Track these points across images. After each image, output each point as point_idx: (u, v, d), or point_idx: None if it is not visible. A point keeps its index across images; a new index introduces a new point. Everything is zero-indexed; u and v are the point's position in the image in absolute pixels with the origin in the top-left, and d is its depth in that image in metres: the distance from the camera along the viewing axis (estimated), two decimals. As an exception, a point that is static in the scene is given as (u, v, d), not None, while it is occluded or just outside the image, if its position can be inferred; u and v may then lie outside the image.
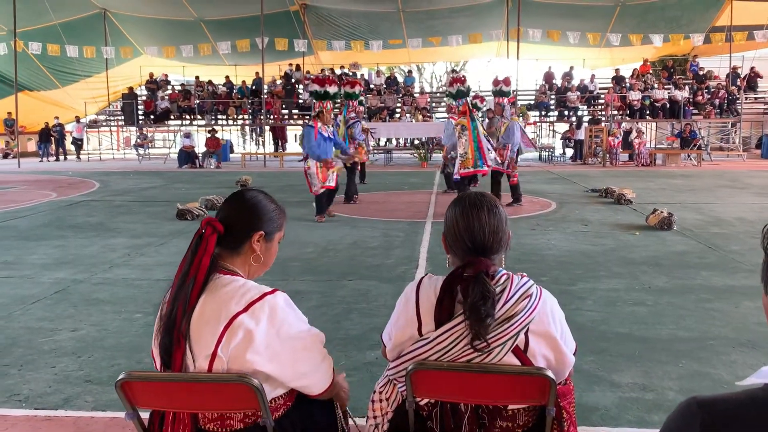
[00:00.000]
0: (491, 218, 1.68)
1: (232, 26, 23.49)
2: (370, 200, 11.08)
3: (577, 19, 23.09)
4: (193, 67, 26.48)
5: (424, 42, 22.35)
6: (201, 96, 24.52)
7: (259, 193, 1.81)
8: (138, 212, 9.66)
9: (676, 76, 24.47)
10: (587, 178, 14.56)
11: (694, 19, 23.33)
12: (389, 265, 5.95)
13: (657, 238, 7.17)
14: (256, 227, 1.75)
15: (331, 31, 24.19)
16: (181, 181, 14.88)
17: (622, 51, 25.60)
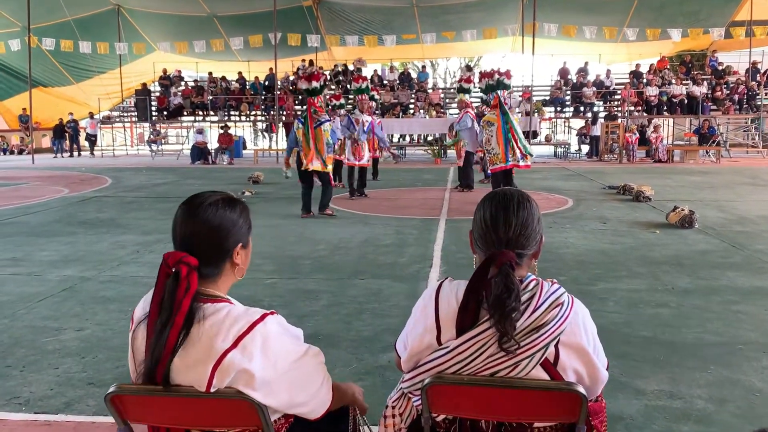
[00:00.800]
0: (520, 211, 1.55)
1: (244, 22, 23.41)
2: (383, 197, 10.93)
3: (593, 13, 22.76)
4: (206, 63, 26.45)
5: (438, 37, 22.15)
6: (214, 92, 24.48)
7: (216, 203, 1.54)
8: (149, 208, 9.59)
9: (694, 72, 24.07)
10: (604, 175, 14.32)
11: (713, 13, 22.91)
12: (402, 264, 5.81)
13: (678, 236, 6.96)
14: (233, 243, 1.55)
15: (345, 27, 24.05)
16: (194, 177, 14.82)
17: (639, 46, 25.23)
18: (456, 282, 1.59)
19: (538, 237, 1.57)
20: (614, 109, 22.35)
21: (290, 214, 8.83)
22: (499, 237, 1.53)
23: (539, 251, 1.60)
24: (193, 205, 1.54)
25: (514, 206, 1.55)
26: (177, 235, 1.53)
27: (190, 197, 1.58)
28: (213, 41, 21.83)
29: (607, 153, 19.76)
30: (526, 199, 1.58)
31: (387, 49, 24.32)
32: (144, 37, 24.50)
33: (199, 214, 1.52)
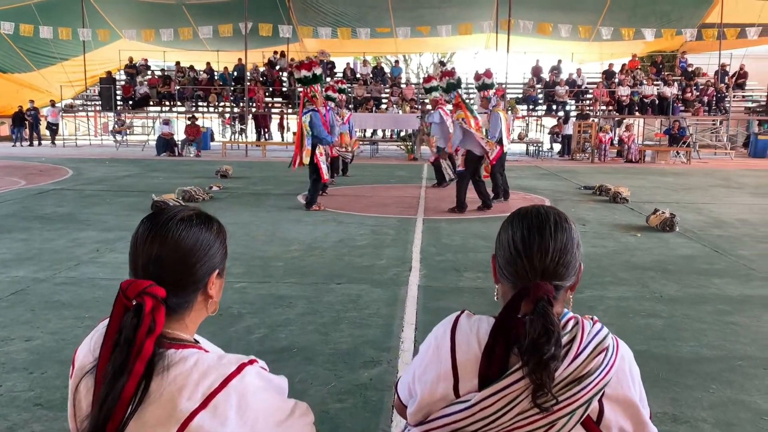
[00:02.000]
0: (558, 234, 1.29)
1: (214, 10, 22.82)
2: (357, 194, 10.64)
3: (568, 11, 22.74)
4: (174, 52, 25.76)
5: (412, 31, 21.89)
6: (181, 82, 23.83)
7: (188, 220, 1.25)
8: (111, 203, 9.13)
9: (664, 72, 24.28)
10: (577, 175, 14.25)
11: (684, 14, 23.11)
12: (380, 267, 5.53)
13: (660, 240, 6.83)
14: (207, 270, 1.26)
15: (317, 18, 23.62)
16: (159, 170, 14.31)
17: (610, 46, 25.36)
18: (476, 318, 1.33)
19: (578, 265, 1.31)
20: (586, 109, 22.38)
21: (261, 211, 8.48)
22: (534, 265, 1.26)
23: (578, 281, 1.33)
24: (160, 221, 1.23)
25: (551, 228, 1.29)
26: (138, 259, 1.22)
27: (155, 211, 1.27)
28: (181, 29, 21.20)
29: (580, 152, 19.76)
30: (564, 220, 1.32)
31: (360, 42, 23.99)
32: (109, 23, 23.71)
33: (168, 233, 1.22)
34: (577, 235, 1.32)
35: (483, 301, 4.53)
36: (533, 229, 1.28)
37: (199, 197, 9.17)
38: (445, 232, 7.22)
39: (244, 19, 19.31)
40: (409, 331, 3.94)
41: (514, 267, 1.28)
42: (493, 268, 1.37)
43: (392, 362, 3.46)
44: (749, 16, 20.76)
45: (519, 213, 1.35)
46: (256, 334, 3.88)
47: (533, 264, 1.26)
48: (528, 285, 1.23)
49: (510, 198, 10.09)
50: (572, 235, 1.30)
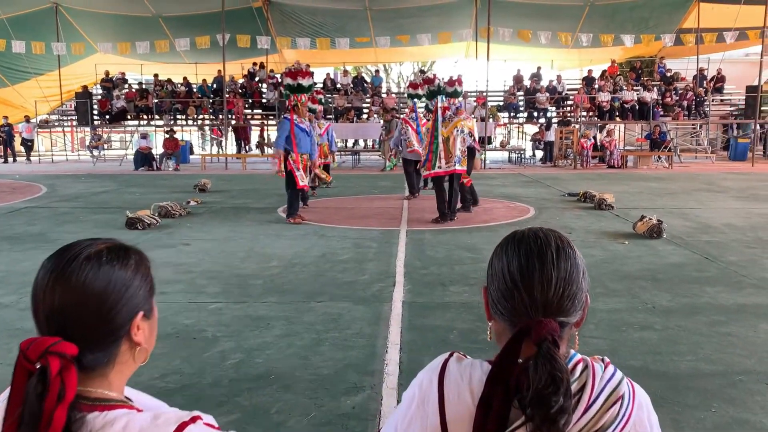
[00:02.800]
0: (560, 262, 1.09)
1: (191, 22, 22.54)
2: (339, 206, 10.44)
3: (547, 19, 22.79)
4: (152, 65, 25.40)
5: (392, 41, 21.77)
6: (159, 95, 23.50)
7: (97, 257, 1.01)
8: (85, 220, 8.84)
9: (643, 78, 24.40)
10: (561, 181, 14.17)
11: (661, 20, 23.27)
12: (363, 283, 5.33)
13: (648, 247, 6.70)
14: (128, 313, 1.02)
15: (296, 29, 23.44)
16: (136, 185, 14.00)
17: (590, 52, 25.47)
18: (468, 362, 1.13)
19: (584, 297, 1.12)
20: (567, 115, 22.40)
21: (240, 226, 8.24)
22: (534, 299, 1.07)
23: (585, 316, 1.14)
24: (61, 262, 1.00)
25: (552, 254, 1.09)
26: (40, 311, 0.99)
27: (59, 250, 1.04)
28: (157, 42, 20.90)
29: (562, 159, 19.73)
30: (567, 244, 1.13)
31: (340, 52, 23.84)
32: (84, 36, 23.32)
33: (71, 275, 0.98)
34: (583, 262, 1.13)
35: (470, 317, 4.34)
36: (532, 256, 1.09)
37: (176, 213, 8.91)
38: (429, 243, 7.04)
39: (221, 31, 19.07)
40: (394, 352, 3.74)
41: (511, 302, 1.09)
42: (485, 303, 1.18)
43: (376, 387, 3.25)
44: (725, 20, 20.93)
45: (514, 237, 1.16)
46: (232, 359, 3.66)
47: (534, 298, 1.07)
48: (529, 323, 1.04)
49: (491, 207, 9.95)
50: (577, 261, 1.12)
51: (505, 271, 1.10)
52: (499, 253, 1.14)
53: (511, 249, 1.12)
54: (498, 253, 1.15)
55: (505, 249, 1.14)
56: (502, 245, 1.15)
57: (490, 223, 8.43)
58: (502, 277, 1.10)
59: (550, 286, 1.06)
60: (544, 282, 1.07)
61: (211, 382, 3.36)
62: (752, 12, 19.49)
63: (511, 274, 1.09)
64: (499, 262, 1.13)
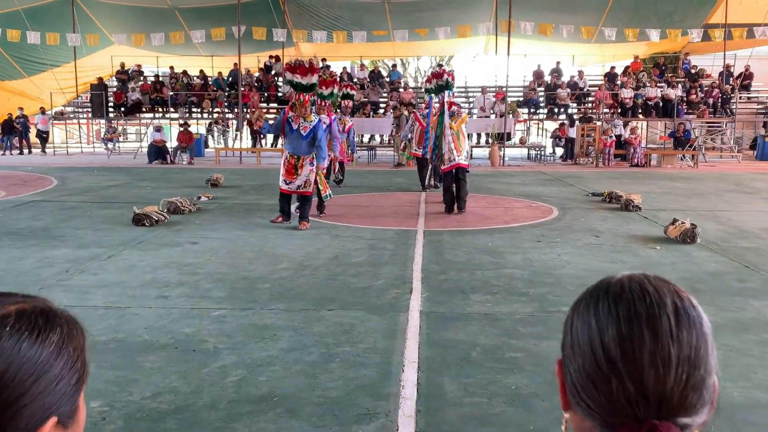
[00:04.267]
0: (682, 332, 0.70)
1: (208, 15, 22.28)
2: (353, 203, 10.09)
3: (569, 12, 22.24)
4: (168, 57, 25.22)
5: (410, 34, 21.34)
6: (174, 88, 23.29)
7: (5, 324, 0.66)
8: (92, 215, 8.56)
9: (667, 74, 23.76)
10: (583, 180, 13.70)
11: (687, 14, 22.61)
12: (378, 289, 4.97)
13: (682, 253, 6.27)
14: (38, 416, 0.67)
15: (313, 22, 23.10)
16: (148, 179, 13.74)
17: (612, 48, 24.86)
18: None
19: (713, 384, 0.74)
20: (589, 111, 21.86)
21: (250, 224, 7.92)
22: (643, 390, 0.69)
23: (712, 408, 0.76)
24: None
25: (669, 321, 0.71)
26: None
27: None
28: (172, 34, 20.64)
29: (583, 156, 19.22)
30: (689, 304, 0.75)
31: (356, 46, 23.50)
32: (101, 28, 23.16)
33: None
34: (710, 329, 0.75)
35: (495, 332, 3.97)
36: (639, 322, 0.71)
37: (185, 209, 8.60)
38: (447, 246, 6.66)
39: (237, 23, 18.77)
40: (411, 371, 3.37)
41: (606, 392, 0.71)
42: (560, 385, 0.80)
43: (391, 415, 2.89)
44: (755, 15, 20.27)
45: (608, 290, 0.76)
46: (233, 376, 3.32)
47: (643, 387, 0.69)
48: (634, 428, 0.67)
49: (512, 206, 9.56)
50: (704, 330, 0.74)
51: (595, 343, 0.72)
52: (584, 312, 0.76)
53: (604, 308, 0.74)
54: (581, 311, 0.77)
55: (593, 307, 0.75)
56: (587, 300, 0.77)
57: (512, 224, 8.03)
58: (591, 353, 0.72)
59: (668, 370, 0.69)
60: (660, 364, 0.69)
61: (208, 403, 3.02)
62: (784, 6, 18.80)
63: (606, 349, 0.71)
64: (585, 328, 0.75)
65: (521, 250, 6.40)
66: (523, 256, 6.10)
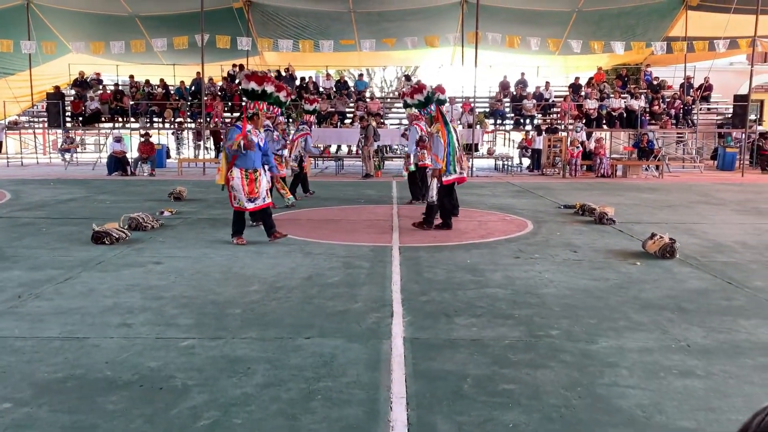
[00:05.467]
0: None
1: (169, 23, 21.78)
2: (324, 217, 9.80)
3: (534, 24, 22.41)
4: (129, 66, 24.57)
5: (377, 44, 21.19)
6: (135, 97, 22.65)
7: None
8: (47, 233, 8.09)
9: (630, 85, 24.11)
10: (553, 191, 13.67)
11: (649, 28, 23.02)
12: (356, 312, 4.70)
13: (663, 269, 6.17)
14: None
15: (278, 31, 22.77)
16: (108, 192, 13.22)
17: (575, 59, 25.17)
18: None
19: None
20: (555, 122, 22.00)
21: (217, 240, 7.57)
22: None
23: None
24: None
25: None
26: None
27: None
28: (133, 42, 20.05)
29: (550, 167, 19.28)
30: None
31: (323, 55, 23.23)
32: (57, 35, 22.40)
33: None
34: None
35: (484, 360, 3.74)
36: None
37: (147, 225, 8.20)
38: (425, 263, 6.43)
39: (200, 31, 18.33)
40: (400, 409, 3.12)
41: None
42: None
43: (383, 463, 2.63)
44: (714, 29, 20.69)
45: None
46: (205, 419, 3.01)
47: None
48: None
49: (486, 220, 9.40)
50: None
51: None
52: None
53: None
54: None
55: None
56: None
57: (488, 238, 7.85)
58: None
59: None
60: None
61: (178, 452, 2.72)
62: (742, 21, 19.23)
63: None
64: None
65: (501, 267, 6.21)
66: (503, 274, 5.91)
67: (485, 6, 19.54)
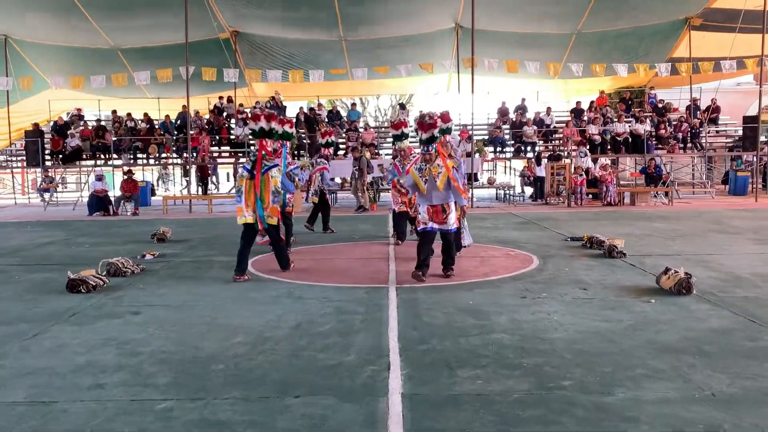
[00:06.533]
0: None
1: (153, 55, 21.93)
2: (317, 256, 9.65)
3: (532, 48, 22.62)
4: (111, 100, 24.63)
5: (369, 72, 21.30)
6: (118, 132, 22.66)
7: None
8: (19, 280, 7.92)
9: (634, 109, 24.22)
10: (558, 223, 13.56)
11: (651, 50, 23.22)
12: (350, 366, 4.52)
13: (679, 307, 6.00)
14: None
15: (267, 61, 22.93)
16: (88, 234, 13.07)
17: (576, 83, 25.33)
18: None
19: None
20: (557, 149, 22.02)
21: (201, 286, 7.40)
22: None
23: None
24: None
25: None
26: None
27: None
28: (114, 76, 20.14)
29: (553, 196, 19.22)
30: None
31: (313, 85, 23.33)
32: (36, 70, 22.49)
33: None
34: None
35: (491, 419, 3.55)
36: None
37: (127, 270, 8.03)
38: (423, 305, 6.26)
39: (185, 63, 18.40)
40: (399, 480, 2.92)
41: None
42: None
43: None
44: (720, 49, 20.88)
45: None
46: (180, 497, 2.82)
47: None
48: None
49: (489, 255, 9.26)
50: None
51: None
52: None
53: None
54: None
55: None
56: None
57: (491, 276, 7.70)
58: None
59: None
60: None
61: None
62: (748, 39, 19.40)
63: None
64: None
65: (506, 308, 6.04)
66: (509, 317, 5.74)
67: (481, 31, 19.70)
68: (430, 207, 7.48)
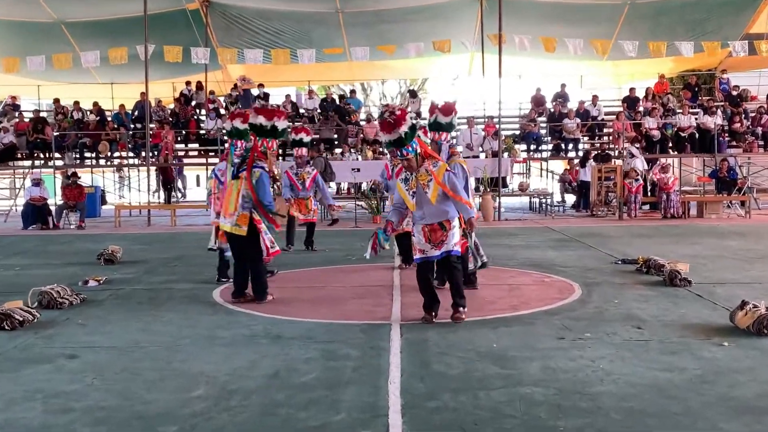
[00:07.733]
0: None
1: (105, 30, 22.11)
2: (303, 282, 9.59)
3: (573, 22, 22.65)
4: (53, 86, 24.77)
5: (372, 51, 21.33)
6: (61, 126, 22.72)
7: None
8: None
9: (702, 97, 24.13)
10: (607, 240, 13.49)
11: (723, 23, 23.23)
12: (338, 428, 4.39)
13: (761, 352, 5.87)
14: None
15: (244, 38, 23.06)
16: (20, 253, 13.08)
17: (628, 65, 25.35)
18: None
19: None
20: (606, 147, 21.96)
21: (155, 322, 7.32)
22: None
23: None
24: None
25: None
26: None
27: None
28: (57, 56, 20.23)
29: (601, 206, 19.14)
30: None
31: (303, 67, 23.41)
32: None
33: None
34: None
35: (516, 503, 3.42)
36: None
37: (64, 301, 7.97)
38: (434, 348, 6.15)
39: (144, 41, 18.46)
40: None
41: None
42: None
43: None
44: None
45: None
46: None
47: None
48: None
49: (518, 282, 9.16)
50: None
51: None
52: None
53: None
54: None
55: None
56: None
57: (521, 310, 7.59)
58: None
59: None
60: None
61: None
62: None
63: None
64: None
65: (539, 353, 5.91)
66: (542, 364, 5.61)
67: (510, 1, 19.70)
68: (425, 227, 7.24)
